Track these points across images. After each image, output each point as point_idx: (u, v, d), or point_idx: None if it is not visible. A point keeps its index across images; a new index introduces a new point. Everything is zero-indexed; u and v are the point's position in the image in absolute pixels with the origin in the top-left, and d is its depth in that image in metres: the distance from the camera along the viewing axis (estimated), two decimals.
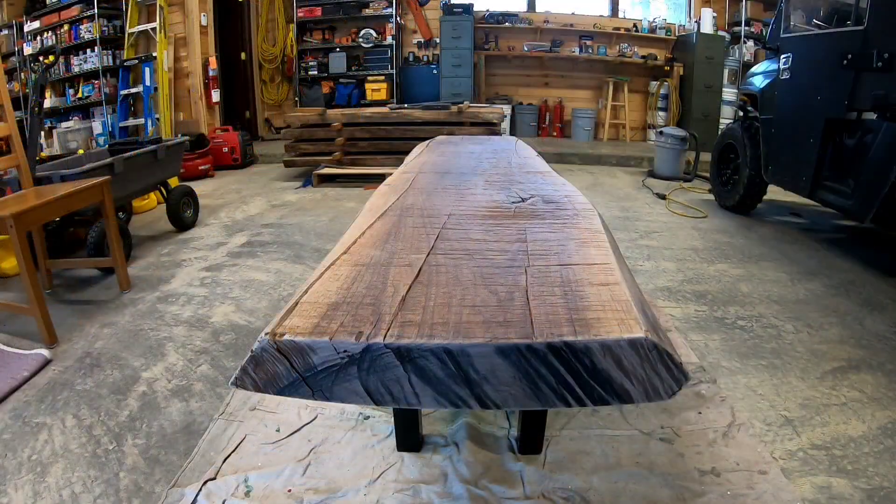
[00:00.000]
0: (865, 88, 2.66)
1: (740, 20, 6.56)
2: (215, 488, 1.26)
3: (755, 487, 1.26)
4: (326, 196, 4.52)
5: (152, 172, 3.32)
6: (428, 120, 4.95)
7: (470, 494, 1.23)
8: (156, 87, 5.81)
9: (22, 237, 1.95)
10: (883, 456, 1.42)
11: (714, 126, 6.43)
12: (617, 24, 7.06)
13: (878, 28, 2.59)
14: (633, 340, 0.50)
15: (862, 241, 3.41)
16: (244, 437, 1.44)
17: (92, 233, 2.73)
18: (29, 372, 1.85)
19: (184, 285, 2.65)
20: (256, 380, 0.55)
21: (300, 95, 7.18)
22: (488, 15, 6.96)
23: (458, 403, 0.53)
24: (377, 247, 0.81)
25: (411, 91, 6.97)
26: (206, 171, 5.43)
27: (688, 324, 2.20)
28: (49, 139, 6.16)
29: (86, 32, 6.25)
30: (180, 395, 1.74)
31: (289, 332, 0.54)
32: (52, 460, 1.44)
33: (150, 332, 2.17)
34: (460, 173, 1.53)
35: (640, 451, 1.38)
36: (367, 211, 1.08)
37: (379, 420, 1.51)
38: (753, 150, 3.63)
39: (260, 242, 3.30)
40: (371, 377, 0.53)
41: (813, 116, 3.03)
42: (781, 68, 3.36)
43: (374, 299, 0.61)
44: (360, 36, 7.01)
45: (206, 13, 6.14)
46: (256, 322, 2.24)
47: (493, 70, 7.24)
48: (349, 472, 1.32)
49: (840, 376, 1.81)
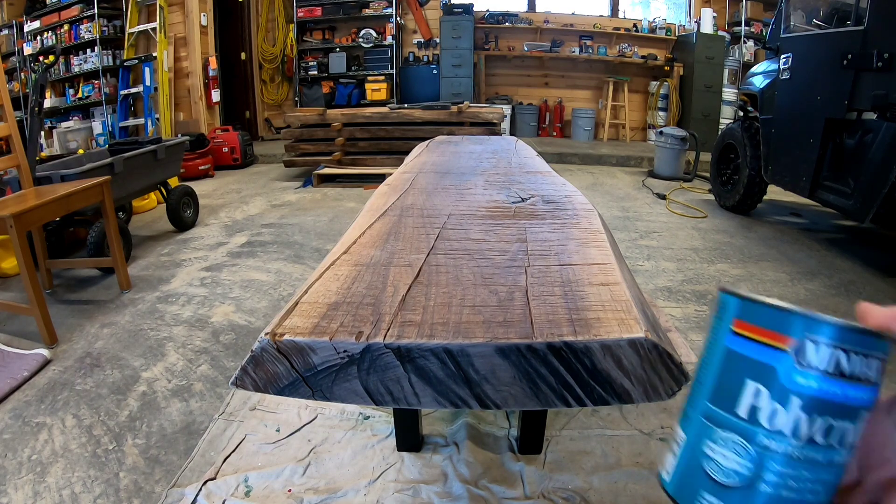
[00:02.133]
0: (865, 88, 2.66)
1: (740, 20, 6.56)
2: (215, 488, 1.26)
3: None
4: (326, 196, 4.52)
5: (152, 172, 3.32)
6: (428, 120, 4.95)
7: (470, 494, 1.23)
8: (156, 87, 5.81)
9: (22, 237, 1.95)
10: None
11: (714, 126, 6.43)
12: (617, 24, 7.06)
13: (878, 28, 2.59)
14: (633, 340, 0.50)
15: (862, 241, 3.41)
16: (244, 437, 1.44)
17: (92, 233, 2.73)
18: (29, 372, 1.85)
19: (184, 285, 2.65)
20: (256, 380, 0.55)
21: (300, 95, 7.18)
22: (488, 15, 6.96)
23: (458, 403, 0.53)
24: (377, 247, 0.81)
25: (411, 91, 6.97)
26: (206, 171, 5.43)
27: (688, 324, 2.20)
28: (49, 139, 6.16)
29: (86, 32, 6.25)
30: (180, 395, 1.74)
31: (289, 333, 0.54)
32: (52, 460, 1.44)
33: (150, 332, 2.17)
34: (460, 173, 1.53)
35: (640, 451, 1.38)
36: (367, 211, 1.08)
37: (379, 420, 1.51)
38: (753, 150, 3.63)
39: (260, 242, 3.30)
40: (371, 377, 0.53)
41: (813, 116, 3.03)
42: (781, 68, 3.36)
43: (374, 299, 0.61)
44: (360, 36, 7.01)
45: (206, 13, 6.14)
46: (256, 322, 2.24)
47: (493, 70, 7.24)
48: (349, 472, 1.32)
49: None
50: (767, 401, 0.30)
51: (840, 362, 0.29)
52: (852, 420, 0.30)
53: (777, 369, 0.30)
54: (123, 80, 6.02)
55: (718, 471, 0.31)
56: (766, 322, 0.31)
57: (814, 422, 0.29)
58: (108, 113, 6.27)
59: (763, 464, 0.30)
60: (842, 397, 0.29)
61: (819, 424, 0.29)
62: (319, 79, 7.15)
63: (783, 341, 0.30)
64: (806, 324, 0.30)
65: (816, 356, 0.29)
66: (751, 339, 0.31)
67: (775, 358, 0.30)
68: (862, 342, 0.29)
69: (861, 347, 0.29)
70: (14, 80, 6.47)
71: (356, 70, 7.08)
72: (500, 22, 6.94)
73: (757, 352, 0.31)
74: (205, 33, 6.16)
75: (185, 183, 3.95)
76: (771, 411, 0.30)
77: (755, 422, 0.30)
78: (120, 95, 6.05)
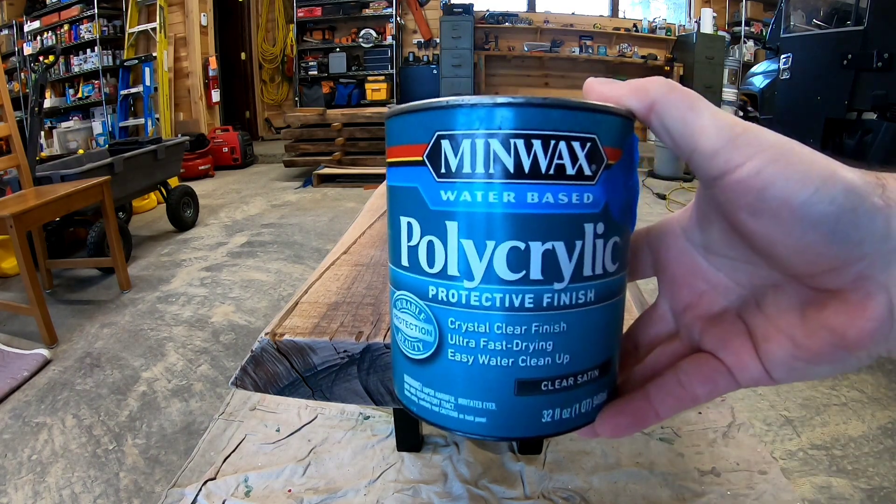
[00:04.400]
0: (865, 88, 2.66)
1: (740, 20, 6.56)
2: (215, 488, 1.26)
3: (755, 487, 1.26)
4: (326, 196, 4.52)
5: (152, 172, 3.33)
6: None
7: (470, 494, 1.23)
8: (156, 87, 5.81)
9: (22, 237, 1.95)
10: (883, 456, 1.42)
11: None
12: (617, 24, 7.06)
13: (878, 28, 2.59)
14: None
15: None
16: (244, 437, 1.44)
17: (92, 233, 2.73)
18: (29, 372, 1.85)
19: (184, 285, 2.65)
20: (256, 380, 0.55)
21: (300, 95, 7.18)
22: (488, 15, 6.96)
23: None
24: (377, 247, 0.81)
25: (411, 91, 6.97)
26: (206, 171, 5.43)
27: None
28: (49, 139, 6.16)
29: (86, 32, 6.25)
30: (180, 395, 1.74)
31: (289, 333, 0.54)
32: (52, 460, 1.44)
33: (150, 332, 2.17)
34: None
35: (640, 451, 1.38)
36: (367, 211, 1.08)
37: (379, 420, 1.51)
38: None
39: (260, 242, 3.30)
40: (371, 377, 0.53)
41: (813, 116, 3.03)
42: (781, 68, 3.36)
43: (374, 299, 0.61)
44: (360, 36, 7.01)
45: (206, 13, 6.14)
46: (256, 322, 2.24)
47: (493, 70, 7.24)
48: (349, 472, 1.32)
49: (840, 376, 1.81)
50: (419, 236, 0.22)
51: (503, 159, 0.20)
52: (561, 234, 0.21)
53: (421, 190, 0.22)
54: (123, 80, 6.02)
55: (405, 343, 0.24)
56: (406, 136, 0.22)
57: (484, 251, 0.21)
58: (108, 113, 6.27)
59: (441, 322, 0.22)
60: (521, 206, 0.20)
61: (501, 253, 0.21)
62: (319, 79, 7.15)
63: (418, 153, 0.22)
64: (438, 118, 0.21)
65: (455, 158, 0.20)
66: (396, 163, 0.23)
67: (415, 176, 0.22)
68: (531, 119, 0.20)
69: (533, 125, 0.20)
70: (14, 80, 6.48)
71: (356, 70, 7.08)
72: (500, 22, 6.94)
73: (401, 176, 0.23)
74: (205, 33, 6.15)
75: (185, 183, 3.95)
76: (425, 251, 0.22)
77: (417, 269, 0.22)
78: (120, 95, 6.05)
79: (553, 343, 0.22)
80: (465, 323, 0.21)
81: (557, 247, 0.21)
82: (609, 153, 0.22)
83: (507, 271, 0.21)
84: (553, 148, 0.20)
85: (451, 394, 0.23)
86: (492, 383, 0.22)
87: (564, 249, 0.21)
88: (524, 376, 0.22)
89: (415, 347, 0.23)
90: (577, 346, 0.22)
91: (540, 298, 0.21)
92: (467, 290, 0.21)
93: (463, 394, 0.22)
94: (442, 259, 0.21)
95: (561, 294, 0.21)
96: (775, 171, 0.19)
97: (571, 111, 0.20)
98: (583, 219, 0.21)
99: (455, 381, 0.22)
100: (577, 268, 0.21)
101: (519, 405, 0.22)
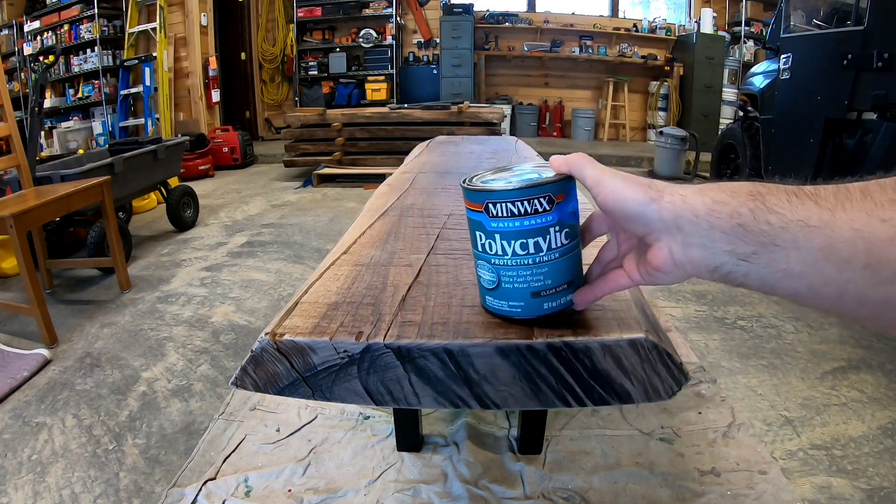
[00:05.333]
0: (865, 88, 2.66)
1: (740, 20, 6.56)
2: (215, 488, 1.26)
3: (755, 487, 1.26)
4: (326, 196, 4.52)
5: (152, 172, 3.33)
6: (428, 120, 4.95)
7: (470, 494, 1.23)
8: (156, 87, 5.81)
9: (22, 237, 1.95)
10: (883, 456, 1.42)
11: (714, 126, 6.43)
12: (617, 24, 7.06)
13: (878, 28, 2.58)
14: (632, 340, 0.50)
15: None
16: (244, 437, 1.44)
17: (92, 233, 2.73)
18: (29, 372, 1.85)
19: (184, 285, 2.65)
20: (256, 380, 0.55)
21: (300, 95, 7.18)
22: (488, 15, 6.96)
23: (458, 403, 0.53)
24: (377, 247, 0.81)
25: (411, 91, 6.97)
26: (206, 171, 5.44)
27: (688, 324, 2.20)
28: (49, 139, 6.17)
29: (86, 32, 6.25)
30: (180, 395, 1.74)
31: (289, 332, 0.54)
32: (52, 460, 1.44)
33: (150, 332, 2.17)
34: (460, 173, 1.53)
35: (640, 451, 1.38)
36: (367, 211, 1.08)
37: (379, 420, 1.51)
38: (753, 150, 3.62)
39: (260, 242, 3.30)
40: (371, 377, 0.53)
41: (813, 116, 3.03)
42: (781, 68, 3.36)
43: (374, 299, 0.61)
44: (360, 36, 7.01)
45: (206, 13, 6.15)
46: (256, 322, 2.24)
47: (493, 70, 7.24)
48: (349, 472, 1.32)
49: (840, 376, 1.81)
50: (484, 240, 0.51)
51: (512, 209, 0.48)
52: (540, 234, 0.48)
53: (482, 222, 0.50)
54: (123, 80, 6.02)
55: (483, 280, 0.54)
56: (472, 198, 0.50)
57: (510, 244, 0.49)
58: (108, 113, 6.27)
59: (499, 273, 0.51)
60: (522, 226, 0.48)
61: (517, 245, 0.49)
62: (319, 79, 7.15)
63: (480, 207, 0.50)
64: (485, 195, 0.49)
65: (494, 210, 0.49)
66: (470, 209, 0.51)
67: (480, 216, 0.50)
68: (522, 194, 0.47)
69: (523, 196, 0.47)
70: (14, 80, 6.48)
71: (356, 70, 7.08)
72: (500, 22, 6.95)
73: (474, 215, 0.51)
74: (205, 33, 6.16)
75: (185, 183, 3.95)
76: (488, 245, 0.51)
77: (486, 252, 0.51)
78: (120, 95, 6.05)
79: (543, 275, 0.50)
80: (507, 272, 0.51)
81: (539, 239, 0.49)
82: (557, 197, 0.48)
83: (520, 251, 0.49)
84: (532, 201, 0.48)
85: (505, 300, 0.52)
86: (521, 294, 0.51)
87: (542, 240, 0.49)
88: (534, 289, 0.51)
89: (489, 283, 0.53)
90: (554, 275, 0.50)
91: (535, 259, 0.50)
92: (505, 259, 0.50)
93: (510, 300, 0.52)
94: (495, 248, 0.50)
95: (544, 256, 0.50)
96: (615, 196, 0.44)
97: (540, 186, 0.47)
98: (548, 226, 0.49)
99: (506, 295, 0.52)
100: (549, 246, 0.49)
101: (533, 303, 0.51)
